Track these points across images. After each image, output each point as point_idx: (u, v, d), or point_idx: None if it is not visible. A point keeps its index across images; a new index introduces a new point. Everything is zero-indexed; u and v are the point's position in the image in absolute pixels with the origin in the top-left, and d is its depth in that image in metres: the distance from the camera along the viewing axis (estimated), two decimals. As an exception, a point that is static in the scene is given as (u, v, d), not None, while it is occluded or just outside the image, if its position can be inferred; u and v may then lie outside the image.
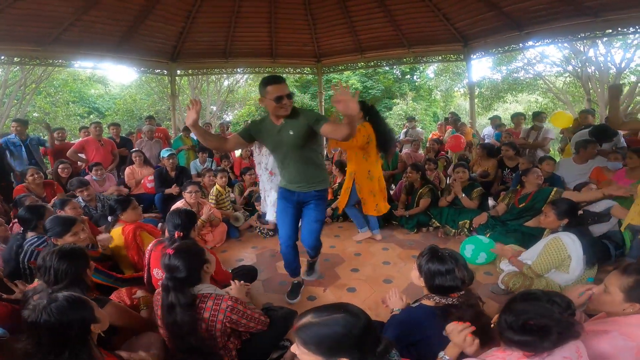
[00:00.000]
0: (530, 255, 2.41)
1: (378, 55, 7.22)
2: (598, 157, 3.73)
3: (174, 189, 4.40)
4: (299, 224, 2.49)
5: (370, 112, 3.27)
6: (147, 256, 2.32)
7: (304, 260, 2.80)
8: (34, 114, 12.09)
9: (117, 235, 2.70)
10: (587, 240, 2.26)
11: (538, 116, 4.79)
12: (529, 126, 5.01)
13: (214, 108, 15.22)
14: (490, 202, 4.37)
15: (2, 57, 5.53)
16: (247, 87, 15.51)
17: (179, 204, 3.62)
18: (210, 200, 4.09)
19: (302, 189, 2.33)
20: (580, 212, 2.60)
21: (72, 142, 5.82)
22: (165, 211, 3.83)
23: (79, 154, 5.15)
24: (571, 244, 2.15)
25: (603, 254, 2.62)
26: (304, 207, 2.41)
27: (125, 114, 13.51)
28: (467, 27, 6.01)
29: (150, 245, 2.38)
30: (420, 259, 1.52)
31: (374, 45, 6.97)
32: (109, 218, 2.97)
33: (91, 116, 13.59)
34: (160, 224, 3.93)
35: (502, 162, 4.59)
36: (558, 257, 2.15)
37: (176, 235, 2.16)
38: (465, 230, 3.65)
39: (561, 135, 5.17)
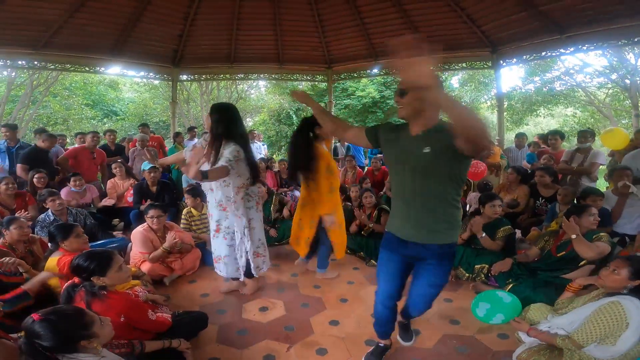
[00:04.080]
0: (566, 322, 1.84)
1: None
2: None
3: (144, 205, 3.92)
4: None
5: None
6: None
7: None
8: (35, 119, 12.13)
9: (52, 265, 2.38)
10: None
11: (584, 135, 3.89)
12: (574, 147, 4.11)
13: None
14: (517, 234, 3.56)
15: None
16: (260, 94, 15.24)
17: (139, 229, 3.10)
18: (182, 223, 3.55)
19: (419, 238, 1.63)
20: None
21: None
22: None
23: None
24: (634, 312, 1.64)
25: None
26: (419, 264, 1.73)
27: (136, 118, 13.49)
28: (496, 29, 5.27)
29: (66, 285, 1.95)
30: None
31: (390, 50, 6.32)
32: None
33: (105, 120, 13.72)
34: (129, 244, 3.44)
35: (535, 189, 3.77)
36: (613, 326, 1.65)
37: (76, 281, 1.77)
38: (482, 275, 2.90)
39: (609, 158, 4.25)
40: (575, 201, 3.53)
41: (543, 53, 5.29)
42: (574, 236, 2.47)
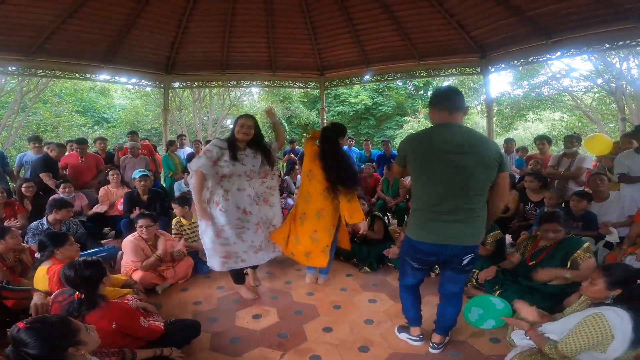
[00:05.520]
0: (556, 329, 1.81)
1: (386, 67, 6.65)
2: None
3: (134, 214, 3.87)
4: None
5: (324, 135, 2.86)
6: (50, 308, 1.95)
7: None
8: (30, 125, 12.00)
9: (41, 274, 2.36)
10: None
11: (571, 140, 3.97)
12: (561, 152, 4.19)
13: (229, 121, 14.96)
14: (507, 239, 3.60)
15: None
16: (253, 101, 15.21)
17: (130, 238, 3.07)
18: (172, 233, 3.52)
19: None
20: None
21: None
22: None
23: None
24: (617, 323, 1.60)
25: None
26: None
27: (127, 125, 13.37)
28: (484, 35, 5.36)
29: (52, 296, 1.99)
30: None
31: (381, 56, 6.42)
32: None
33: (95, 127, 13.54)
34: (120, 253, 3.41)
35: (524, 194, 3.83)
36: (597, 338, 1.61)
37: (75, 297, 1.77)
38: (474, 280, 2.92)
39: (598, 164, 4.35)
40: (563, 205, 3.60)
41: (530, 58, 5.38)
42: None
